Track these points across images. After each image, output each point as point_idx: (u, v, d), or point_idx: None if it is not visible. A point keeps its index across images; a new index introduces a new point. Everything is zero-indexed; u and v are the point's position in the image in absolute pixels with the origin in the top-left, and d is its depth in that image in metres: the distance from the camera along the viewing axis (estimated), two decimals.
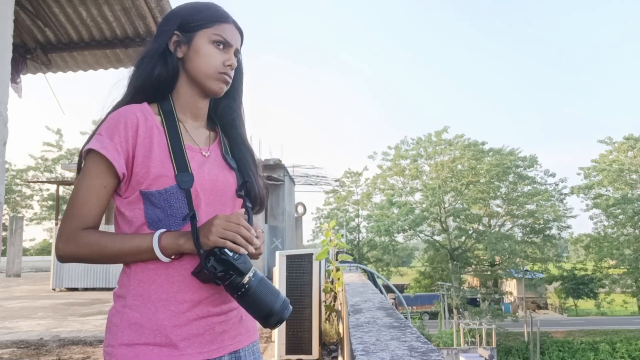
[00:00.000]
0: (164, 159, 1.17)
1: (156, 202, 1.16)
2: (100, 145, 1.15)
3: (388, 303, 2.03)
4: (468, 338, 29.49)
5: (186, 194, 1.15)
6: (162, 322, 1.13)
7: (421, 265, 43.68)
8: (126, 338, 1.12)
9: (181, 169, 1.17)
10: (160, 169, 1.15)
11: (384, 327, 1.38)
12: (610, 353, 32.17)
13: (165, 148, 1.18)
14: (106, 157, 1.14)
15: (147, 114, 1.21)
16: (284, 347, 4.32)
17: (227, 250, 1.09)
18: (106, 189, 1.17)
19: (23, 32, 4.78)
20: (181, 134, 1.22)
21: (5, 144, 2.94)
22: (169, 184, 1.15)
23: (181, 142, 1.20)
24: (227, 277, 1.10)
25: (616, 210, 38.27)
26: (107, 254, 1.14)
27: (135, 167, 1.16)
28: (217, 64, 1.24)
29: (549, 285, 42.48)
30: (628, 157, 39.45)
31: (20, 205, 36.26)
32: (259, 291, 1.11)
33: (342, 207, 42.90)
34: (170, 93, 1.28)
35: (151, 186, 1.15)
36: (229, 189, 1.24)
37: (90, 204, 1.16)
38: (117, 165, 1.14)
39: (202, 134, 1.29)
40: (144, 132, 1.18)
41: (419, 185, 40.98)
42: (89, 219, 1.16)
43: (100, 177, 1.16)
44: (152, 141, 1.17)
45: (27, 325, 6.82)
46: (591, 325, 36.72)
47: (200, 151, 1.25)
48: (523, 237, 39.83)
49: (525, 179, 39.55)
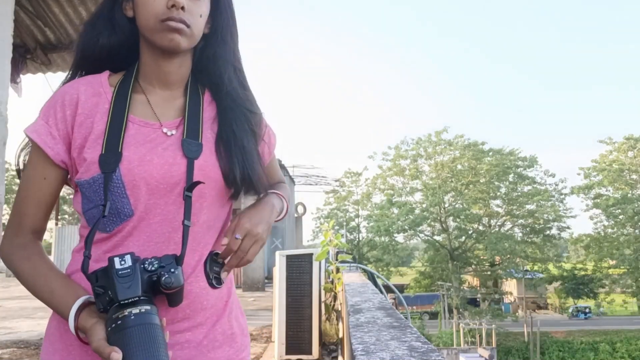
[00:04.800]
0: (98, 139, 0.95)
1: (88, 194, 0.96)
2: (32, 129, 0.98)
3: (388, 303, 2.03)
4: (468, 338, 29.48)
5: (105, 179, 0.92)
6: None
7: (421, 265, 43.64)
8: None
9: (109, 148, 0.94)
10: (92, 153, 0.94)
11: (384, 327, 1.38)
12: (610, 353, 32.15)
13: (105, 126, 0.97)
14: (38, 144, 0.97)
15: (99, 87, 1.01)
16: (284, 347, 4.33)
17: (121, 260, 0.83)
18: (47, 181, 0.99)
19: (23, 32, 4.78)
20: (128, 106, 0.99)
21: (5, 144, 2.94)
22: (97, 172, 0.93)
23: (123, 116, 0.97)
24: (102, 297, 0.83)
25: (616, 210, 38.24)
26: (34, 289, 1.00)
27: (73, 152, 0.97)
28: (156, 10, 0.96)
29: (549, 285, 42.45)
30: (628, 157, 39.43)
31: None
32: (132, 340, 0.77)
33: (342, 207, 42.87)
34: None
35: (83, 174, 0.95)
36: (179, 184, 0.96)
37: (30, 199, 0.99)
38: (51, 152, 0.96)
39: (175, 105, 1.04)
40: (86, 109, 0.98)
41: (419, 185, 40.95)
42: (28, 217, 1.00)
43: (38, 167, 0.99)
44: (94, 119, 0.97)
45: (27, 325, 6.82)
46: (591, 325, 36.71)
47: (161, 127, 1.00)
48: (523, 237, 39.80)
49: (525, 179, 39.54)
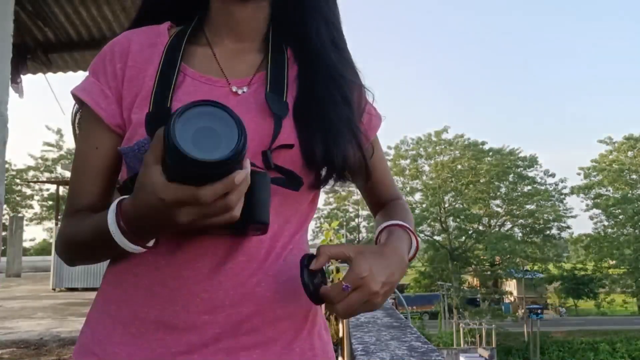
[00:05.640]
0: (147, 96, 0.77)
1: (132, 166, 0.75)
2: (81, 87, 0.81)
3: (388, 303, 2.03)
4: (468, 338, 29.47)
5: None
6: (113, 349, 0.74)
7: (421, 265, 43.62)
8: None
9: (157, 105, 0.75)
10: (139, 113, 0.76)
11: (384, 327, 1.38)
12: (610, 353, 32.15)
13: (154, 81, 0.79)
14: (88, 105, 0.79)
15: (156, 37, 0.83)
16: None
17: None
18: (100, 151, 0.80)
19: (23, 32, 4.78)
20: (182, 54, 0.80)
21: (5, 144, 2.94)
22: (143, 136, 0.74)
23: (175, 66, 0.79)
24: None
25: (616, 210, 38.27)
26: (80, 243, 0.78)
27: (124, 113, 0.79)
28: None
29: (549, 285, 42.46)
30: (628, 157, 39.45)
31: (20, 205, 36.29)
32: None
33: (342, 207, 42.89)
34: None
35: (129, 140, 0.77)
36: (255, 146, 0.73)
37: (82, 176, 0.81)
38: (104, 113, 0.78)
39: (247, 60, 0.84)
40: (139, 61, 0.80)
41: (419, 185, 40.97)
42: (84, 196, 0.80)
43: (90, 134, 0.81)
44: (147, 74, 0.79)
45: (27, 325, 6.82)
46: (591, 326, 36.72)
47: (228, 84, 0.80)
48: (523, 237, 39.82)
49: (525, 179, 39.58)
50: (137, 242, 0.69)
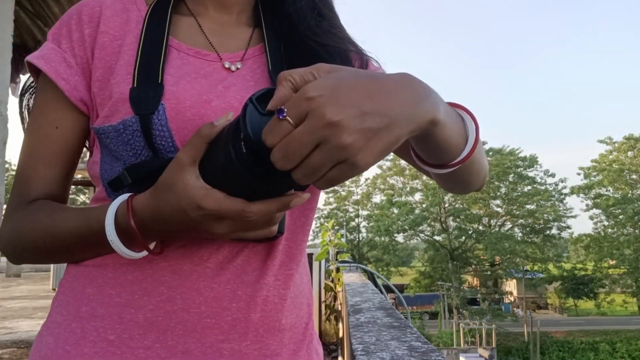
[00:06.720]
0: (129, 67, 0.66)
1: (114, 148, 0.64)
2: (38, 54, 0.68)
3: (388, 303, 2.03)
4: (468, 338, 29.49)
5: (141, 123, 0.61)
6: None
7: (421, 265, 43.65)
8: None
9: (142, 79, 0.64)
10: (121, 87, 0.64)
11: (384, 327, 1.38)
12: (610, 353, 32.16)
13: (136, 52, 0.67)
14: (47, 74, 0.67)
15: (129, 3, 0.72)
16: None
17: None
18: (59, 131, 0.67)
19: (23, 32, 4.78)
20: (169, 24, 0.70)
21: (5, 143, 2.95)
22: (129, 114, 0.62)
23: (162, 38, 0.68)
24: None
25: (616, 210, 38.30)
26: (40, 239, 0.64)
27: (94, 86, 0.67)
28: None
29: (549, 285, 42.48)
30: (628, 157, 39.49)
31: None
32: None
33: (342, 207, 42.91)
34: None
35: (108, 118, 0.64)
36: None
37: (41, 160, 0.67)
38: (66, 85, 0.67)
39: (236, 34, 0.75)
40: (112, 27, 0.69)
41: (419, 185, 40.97)
42: (39, 183, 0.67)
43: (47, 111, 0.68)
44: (124, 42, 0.68)
45: (27, 325, 6.82)
46: (591, 326, 36.72)
47: (220, 59, 0.70)
48: (523, 237, 39.84)
49: (525, 179, 39.61)
50: (138, 247, 0.58)
